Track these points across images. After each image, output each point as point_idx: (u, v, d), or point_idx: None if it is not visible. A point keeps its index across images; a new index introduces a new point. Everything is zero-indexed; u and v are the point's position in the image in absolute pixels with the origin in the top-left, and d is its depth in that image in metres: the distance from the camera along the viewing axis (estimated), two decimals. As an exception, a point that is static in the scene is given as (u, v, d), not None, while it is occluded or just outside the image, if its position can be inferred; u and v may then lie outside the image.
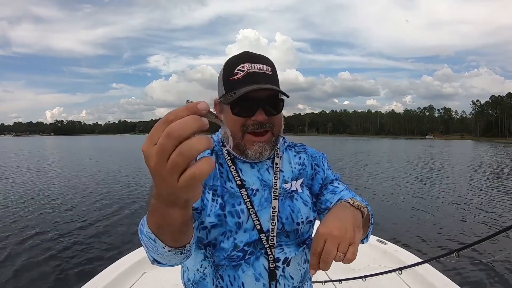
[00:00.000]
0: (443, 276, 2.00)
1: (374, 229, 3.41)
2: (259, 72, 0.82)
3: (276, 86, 0.84)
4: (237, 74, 0.82)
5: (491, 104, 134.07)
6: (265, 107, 0.82)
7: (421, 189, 10.90)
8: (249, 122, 0.83)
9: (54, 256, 4.80)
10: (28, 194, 9.55)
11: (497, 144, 65.37)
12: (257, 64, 0.83)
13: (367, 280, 1.75)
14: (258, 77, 0.82)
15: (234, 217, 0.85)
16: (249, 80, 0.81)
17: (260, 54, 0.88)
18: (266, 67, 0.84)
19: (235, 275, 0.85)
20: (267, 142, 0.85)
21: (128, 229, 6.08)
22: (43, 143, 65.61)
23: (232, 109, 0.83)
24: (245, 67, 0.82)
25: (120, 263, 2.32)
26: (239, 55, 0.87)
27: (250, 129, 0.83)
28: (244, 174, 0.90)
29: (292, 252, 0.89)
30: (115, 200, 8.77)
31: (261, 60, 0.85)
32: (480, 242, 1.15)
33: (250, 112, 0.82)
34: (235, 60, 0.85)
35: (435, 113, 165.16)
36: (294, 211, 0.89)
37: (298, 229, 0.90)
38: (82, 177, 13.31)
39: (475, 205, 8.38)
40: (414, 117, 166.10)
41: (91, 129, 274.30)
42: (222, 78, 0.86)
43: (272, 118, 0.84)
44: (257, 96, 0.81)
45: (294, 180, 0.93)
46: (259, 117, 0.82)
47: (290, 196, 0.91)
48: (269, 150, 0.86)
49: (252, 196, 0.87)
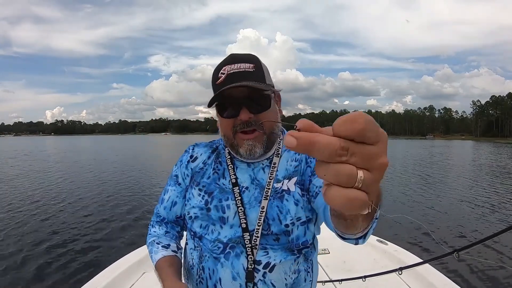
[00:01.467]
0: (443, 276, 2.00)
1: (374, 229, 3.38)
2: (238, 72, 0.82)
3: (260, 81, 0.83)
4: (220, 77, 0.83)
5: (491, 104, 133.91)
6: (248, 104, 0.82)
7: (421, 188, 10.88)
8: (237, 122, 0.83)
9: (54, 256, 4.79)
10: (28, 194, 9.55)
11: (498, 144, 65.28)
12: (236, 64, 0.83)
13: (367, 280, 1.75)
14: (238, 77, 0.82)
15: (219, 211, 0.87)
16: (229, 81, 0.81)
17: (247, 53, 0.89)
18: (247, 65, 0.84)
19: (214, 269, 0.85)
20: (256, 139, 0.84)
21: (128, 229, 6.09)
22: (44, 143, 65.61)
23: (219, 112, 0.86)
24: (225, 70, 0.83)
25: (120, 263, 2.32)
26: (224, 59, 0.88)
27: (238, 129, 0.83)
28: (239, 172, 0.91)
29: (277, 257, 0.85)
30: (115, 200, 8.76)
31: (242, 59, 0.85)
32: (480, 242, 1.15)
33: (234, 112, 0.83)
34: (220, 64, 0.87)
35: (436, 113, 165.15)
36: (282, 212, 0.86)
37: (289, 232, 0.85)
38: (82, 177, 13.30)
39: (475, 205, 8.37)
40: (415, 117, 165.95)
41: (91, 129, 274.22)
42: (211, 84, 0.88)
43: (259, 116, 0.83)
44: (238, 95, 0.81)
45: (286, 179, 0.90)
46: (242, 116, 0.82)
47: (280, 196, 0.87)
48: (260, 147, 0.85)
49: (244, 195, 0.88)
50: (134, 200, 8.77)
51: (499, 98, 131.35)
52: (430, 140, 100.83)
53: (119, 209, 7.66)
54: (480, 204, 8.54)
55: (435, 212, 7.69)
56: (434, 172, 15.83)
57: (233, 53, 0.89)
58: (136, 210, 7.60)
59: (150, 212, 7.26)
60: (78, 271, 4.29)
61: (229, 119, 0.84)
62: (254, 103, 0.83)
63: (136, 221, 6.64)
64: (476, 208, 8.10)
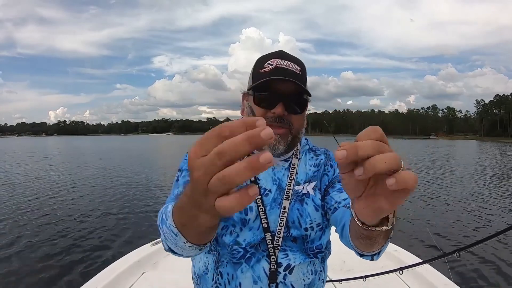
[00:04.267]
0: (443, 276, 1.98)
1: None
2: (287, 68, 0.83)
3: (303, 85, 0.84)
4: (266, 67, 0.84)
5: (495, 104, 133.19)
6: (286, 102, 0.82)
7: (421, 188, 10.83)
8: (269, 114, 0.83)
9: (54, 255, 4.81)
10: (28, 195, 9.60)
11: (502, 144, 64.86)
12: (286, 61, 0.84)
13: (367, 280, 1.74)
14: (286, 72, 0.82)
15: (241, 213, 0.85)
16: (276, 73, 0.82)
17: (294, 56, 0.90)
18: (296, 66, 0.85)
19: (234, 274, 0.84)
20: (282, 136, 0.84)
21: (128, 229, 6.10)
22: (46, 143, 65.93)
23: (254, 99, 0.85)
24: (274, 62, 0.84)
25: (120, 263, 2.32)
26: (273, 52, 0.89)
27: (268, 122, 0.81)
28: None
29: (297, 259, 0.85)
30: (115, 200, 8.81)
31: (292, 59, 0.86)
32: (481, 242, 1.14)
33: (270, 104, 0.83)
34: (268, 55, 0.88)
35: (439, 113, 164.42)
36: (302, 216, 0.86)
37: (307, 235, 0.86)
38: (82, 178, 13.35)
39: (476, 205, 8.32)
40: (418, 117, 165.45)
41: (93, 129, 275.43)
42: (252, 71, 0.89)
43: (292, 116, 0.85)
44: (280, 90, 0.82)
45: (306, 183, 0.90)
46: (278, 110, 0.82)
47: (301, 200, 0.88)
48: (283, 145, 0.85)
49: (264, 196, 0.87)
50: (134, 200, 8.80)
51: (503, 97, 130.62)
52: (433, 140, 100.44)
53: (119, 209, 7.69)
54: (481, 203, 8.49)
55: (435, 212, 7.66)
56: (435, 171, 15.76)
57: (283, 51, 0.90)
58: (136, 210, 7.63)
59: (150, 211, 7.28)
60: (78, 270, 4.30)
61: (260, 108, 0.84)
62: (293, 103, 0.84)
63: (137, 221, 6.66)
64: (477, 207, 8.05)
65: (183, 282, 0.83)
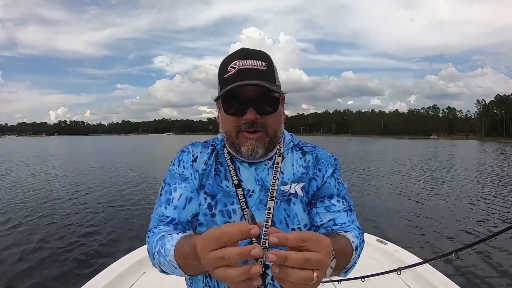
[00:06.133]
0: (443, 276, 1.98)
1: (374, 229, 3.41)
2: (250, 68, 0.78)
3: (271, 82, 0.79)
4: (229, 71, 0.79)
5: (496, 104, 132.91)
6: (256, 105, 0.78)
7: (421, 188, 10.83)
8: (242, 121, 0.80)
9: (54, 255, 4.83)
10: (29, 194, 9.62)
11: (503, 144, 64.73)
12: (248, 60, 0.79)
13: (366, 280, 1.74)
14: (249, 74, 0.77)
15: (225, 217, 0.83)
16: (239, 77, 0.77)
17: (258, 49, 0.84)
18: (259, 63, 0.80)
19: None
20: (259, 139, 0.81)
21: (128, 229, 6.11)
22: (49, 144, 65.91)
23: (224, 108, 0.81)
24: (236, 64, 0.79)
25: (120, 263, 2.32)
26: (235, 52, 0.83)
27: (243, 128, 0.80)
28: (242, 173, 0.87)
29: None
30: (115, 200, 8.82)
31: (255, 56, 0.81)
32: (480, 243, 1.14)
33: (241, 111, 0.79)
34: (230, 57, 0.82)
35: (440, 113, 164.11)
36: (289, 216, 0.84)
37: None
38: (83, 178, 13.36)
39: (475, 205, 8.33)
40: (419, 116, 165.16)
41: (94, 129, 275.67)
42: (218, 76, 0.84)
43: (266, 117, 0.81)
44: (247, 94, 0.78)
45: (294, 183, 0.87)
46: (249, 115, 0.78)
47: (288, 200, 0.85)
48: (261, 148, 0.82)
49: (248, 197, 0.84)
50: (135, 199, 8.81)
51: (503, 97, 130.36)
52: (434, 140, 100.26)
53: (119, 209, 7.71)
54: (479, 204, 8.49)
55: (435, 212, 7.65)
56: (435, 172, 15.75)
57: (245, 48, 0.84)
58: (136, 210, 7.63)
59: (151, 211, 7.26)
60: (78, 270, 4.31)
61: (233, 117, 0.80)
62: (263, 104, 0.79)
63: (137, 221, 6.67)
64: (475, 208, 8.06)
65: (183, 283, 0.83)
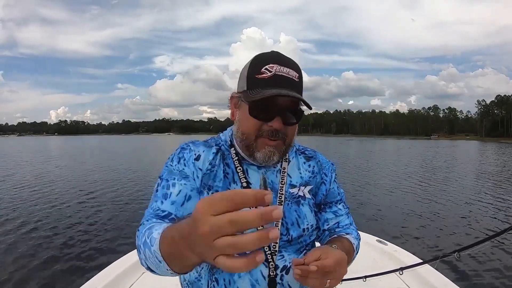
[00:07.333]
0: (444, 277, 1.97)
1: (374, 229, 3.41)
2: (287, 77, 0.78)
3: (301, 94, 0.80)
4: (264, 73, 0.78)
5: (496, 104, 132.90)
6: (285, 115, 0.79)
7: (422, 188, 10.81)
8: (265, 127, 0.80)
9: (53, 255, 4.81)
10: (28, 194, 9.61)
11: (503, 144, 64.68)
12: (286, 68, 0.79)
13: (367, 280, 1.74)
14: (285, 82, 0.77)
15: None
16: (276, 83, 0.77)
17: (290, 58, 0.84)
18: (294, 73, 0.80)
19: (231, 280, 0.82)
20: (276, 147, 0.81)
21: (128, 228, 6.09)
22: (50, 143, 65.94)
23: (250, 109, 0.80)
24: (273, 68, 0.78)
25: (120, 263, 2.31)
26: (269, 53, 0.83)
27: (264, 134, 0.80)
28: (251, 176, 0.86)
29: (292, 259, 0.86)
30: (116, 199, 8.79)
31: (290, 65, 0.80)
32: (481, 243, 1.14)
33: (268, 117, 0.79)
34: (264, 58, 0.81)
35: (440, 113, 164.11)
36: (300, 217, 0.87)
37: (303, 236, 0.87)
38: (83, 178, 13.35)
39: (476, 205, 8.30)
40: (419, 117, 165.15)
41: (94, 129, 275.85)
42: (246, 74, 0.82)
43: (288, 128, 0.82)
44: (279, 102, 0.78)
45: (302, 186, 0.91)
46: (276, 124, 0.78)
47: (297, 202, 0.88)
48: (277, 156, 0.82)
49: None
50: (135, 199, 8.79)
51: (504, 97, 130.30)
52: (434, 140, 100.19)
53: (119, 209, 7.69)
54: (481, 204, 8.46)
55: (436, 212, 7.63)
56: (435, 172, 15.71)
57: (278, 52, 0.84)
58: (137, 209, 7.61)
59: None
60: (78, 270, 4.30)
61: (256, 119, 0.79)
62: (290, 115, 0.80)
63: (137, 221, 6.62)
64: (477, 208, 8.03)
65: (183, 282, 0.83)
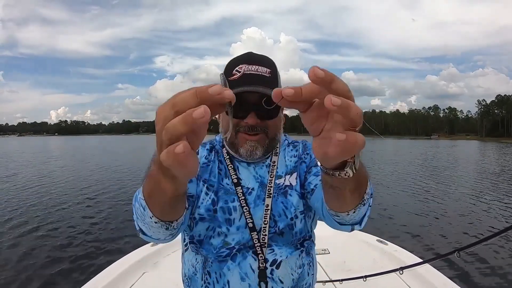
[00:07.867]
0: (444, 277, 1.98)
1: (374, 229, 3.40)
2: (255, 74, 0.81)
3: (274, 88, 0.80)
4: (234, 74, 0.82)
5: (497, 104, 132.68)
6: (258, 110, 0.81)
7: (422, 188, 10.81)
8: (242, 123, 0.83)
9: (54, 255, 4.81)
10: (28, 194, 9.61)
11: (503, 144, 64.62)
12: (254, 66, 0.82)
13: (367, 280, 1.74)
14: (253, 79, 0.80)
15: (225, 213, 0.86)
16: (244, 81, 0.80)
17: (264, 55, 0.88)
18: (264, 69, 0.83)
19: (221, 273, 0.85)
20: (258, 141, 0.84)
21: (128, 229, 6.09)
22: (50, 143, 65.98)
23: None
24: (242, 68, 0.82)
25: (120, 263, 2.32)
26: (241, 55, 0.87)
27: (242, 130, 0.83)
28: (241, 172, 0.91)
29: (283, 254, 0.87)
30: (116, 199, 8.79)
31: (261, 62, 0.84)
32: (482, 242, 1.13)
33: (242, 115, 0.81)
34: (235, 60, 0.85)
35: (440, 113, 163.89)
36: (287, 207, 0.88)
37: (292, 225, 0.88)
38: (83, 178, 13.36)
39: (477, 205, 8.30)
40: (419, 117, 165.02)
41: (94, 129, 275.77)
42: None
43: (266, 122, 0.84)
44: (250, 99, 0.80)
45: (288, 175, 0.92)
46: (250, 120, 0.81)
47: (284, 192, 0.89)
48: (261, 150, 0.85)
49: (247, 195, 0.88)
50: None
51: (504, 97, 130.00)
52: (434, 140, 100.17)
53: (120, 209, 7.68)
54: (481, 203, 8.46)
55: (436, 211, 7.63)
56: (436, 171, 15.72)
57: (251, 52, 0.88)
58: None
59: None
60: (78, 271, 4.30)
61: (234, 119, 0.82)
62: (264, 110, 0.81)
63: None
64: (477, 207, 8.03)
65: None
